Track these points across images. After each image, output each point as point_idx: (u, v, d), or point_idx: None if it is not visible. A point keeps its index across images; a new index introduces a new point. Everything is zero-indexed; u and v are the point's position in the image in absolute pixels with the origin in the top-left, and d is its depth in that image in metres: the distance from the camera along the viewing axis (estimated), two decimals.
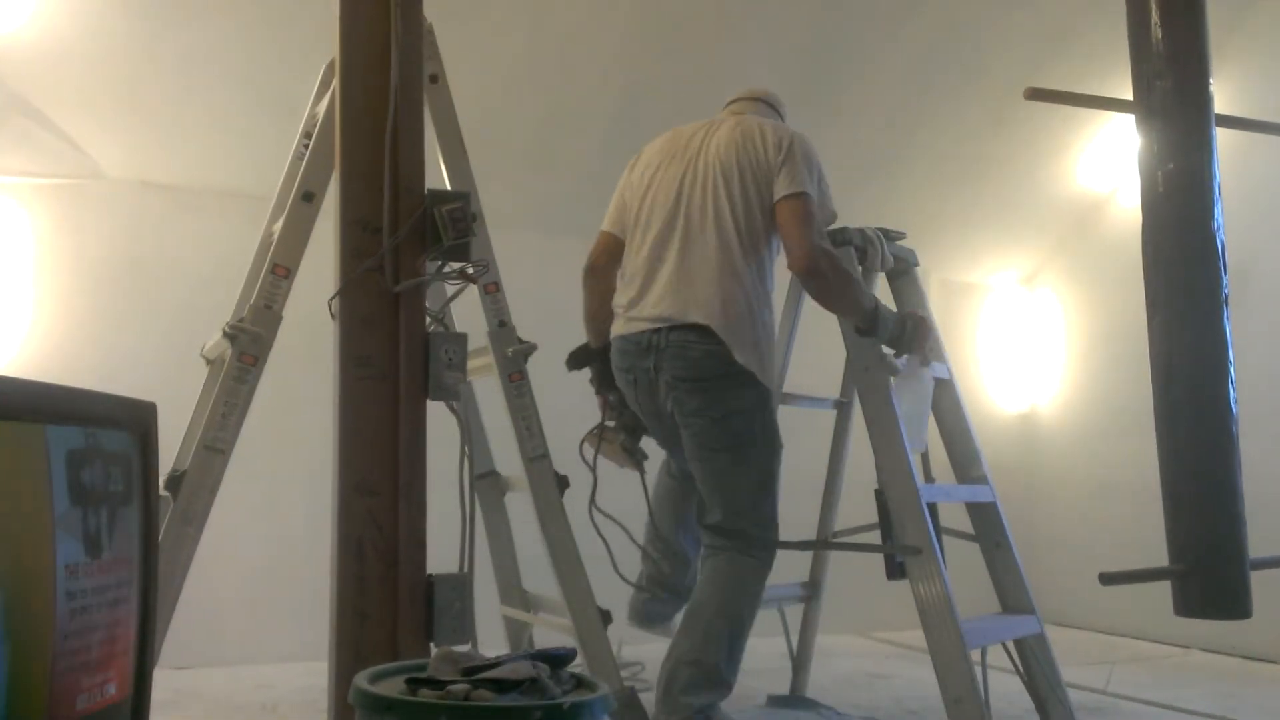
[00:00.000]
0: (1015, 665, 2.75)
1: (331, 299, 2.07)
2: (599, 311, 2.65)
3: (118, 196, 3.70)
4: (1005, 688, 2.90)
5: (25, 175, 3.58)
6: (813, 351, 3.17)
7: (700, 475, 2.50)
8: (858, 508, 2.98)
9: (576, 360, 2.75)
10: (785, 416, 2.95)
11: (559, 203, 4.05)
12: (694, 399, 2.41)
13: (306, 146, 2.43)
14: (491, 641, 2.55)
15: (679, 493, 2.74)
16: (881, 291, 2.96)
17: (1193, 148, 1.67)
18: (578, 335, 2.81)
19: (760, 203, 2.45)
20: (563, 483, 2.45)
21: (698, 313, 2.38)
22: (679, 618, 2.61)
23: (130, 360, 3.47)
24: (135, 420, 1.28)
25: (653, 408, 2.52)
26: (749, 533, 2.46)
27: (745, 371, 2.39)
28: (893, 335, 2.61)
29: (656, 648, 2.66)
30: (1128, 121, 1.79)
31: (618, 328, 2.55)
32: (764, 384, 2.45)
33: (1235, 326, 1.66)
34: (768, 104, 2.78)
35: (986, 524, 2.81)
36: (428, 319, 2.13)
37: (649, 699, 2.47)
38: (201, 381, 2.54)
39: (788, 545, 2.87)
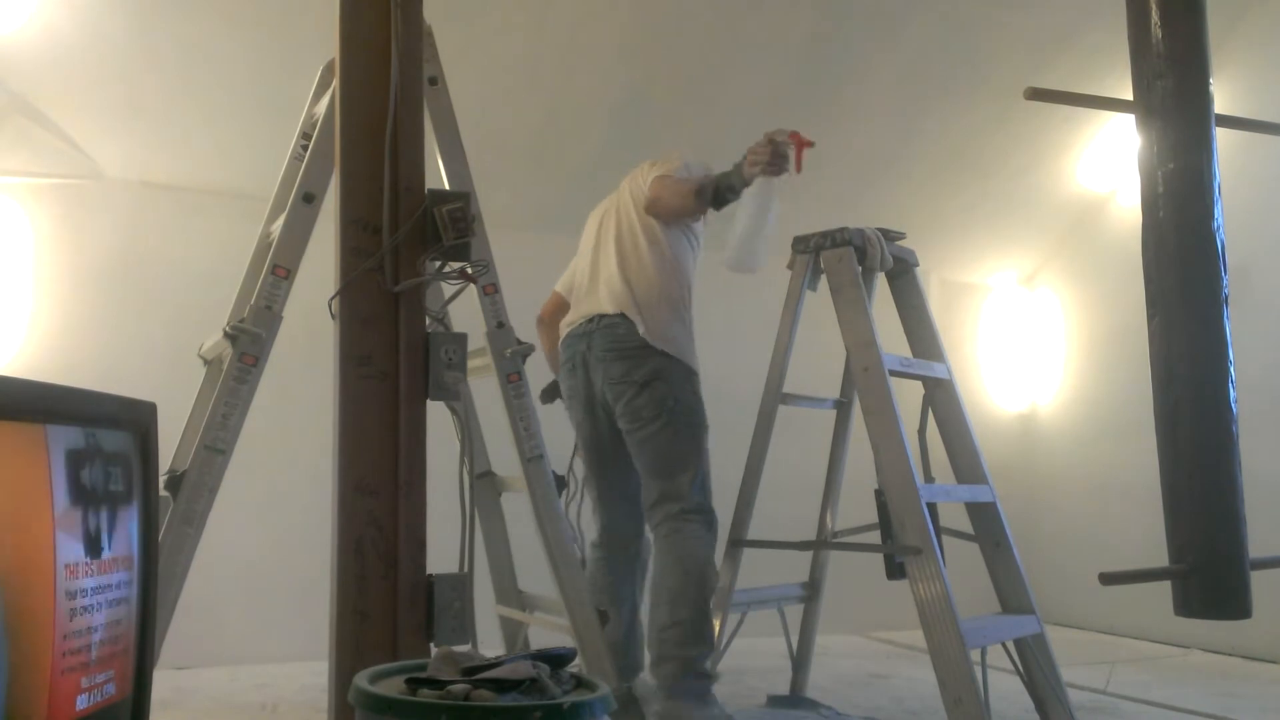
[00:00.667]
0: (1015, 665, 2.75)
1: (332, 299, 2.07)
2: (554, 352, 2.99)
3: (118, 196, 3.70)
4: (1005, 688, 2.90)
5: (25, 175, 3.58)
6: (813, 351, 3.17)
7: (637, 452, 2.73)
8: (858, 508, 2.98)
9: (549, 394, 3.02)
10: (785, 416, 2.96)
11: (559, 203, 4.04)
12: (618, 366, 2.72)
13: (304, 148, 2.43)
14: (491, 641, 2.55)
15: (601, 566, 2.87)
16: (881, 291, 2.97)
17: (1193, 148, 1.67)
18: None
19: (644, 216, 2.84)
20: (560, 483, 2.45)
21: (613, 303, 2.75)
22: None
23: (130, 360, 3.47)
24: (135, 420, 1.29)
25: (588, 393, 2.80)
26: (685, 495, 2.67)
27: (658, 347, 2.70)
28: (738, 182, 2.64)
29: None
30: (1128, 121, 1.79)
31: (562, 334, 2.91)
32: (679, 359, 2.72)
33: (1235, 326, 1.65)
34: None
35: (986, 524, 2.81)
36: (427, 319, 2.13)
37: None
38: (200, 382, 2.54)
39: (788, 545, 2.88)
